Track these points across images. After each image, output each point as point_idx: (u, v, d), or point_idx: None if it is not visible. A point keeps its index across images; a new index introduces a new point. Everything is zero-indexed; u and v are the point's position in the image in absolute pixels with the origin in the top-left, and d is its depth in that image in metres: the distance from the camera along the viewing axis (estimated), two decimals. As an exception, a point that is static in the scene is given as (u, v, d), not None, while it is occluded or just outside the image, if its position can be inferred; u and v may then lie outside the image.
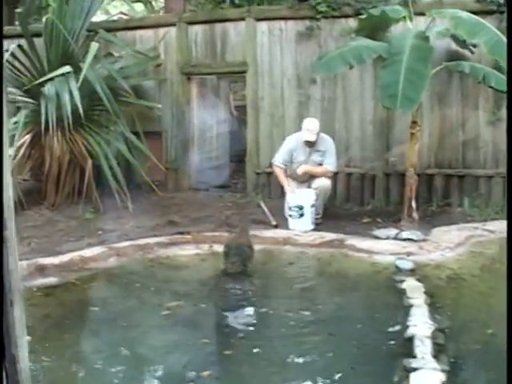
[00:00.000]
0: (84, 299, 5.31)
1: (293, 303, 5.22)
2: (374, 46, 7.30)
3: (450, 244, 6.48)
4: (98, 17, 21.16)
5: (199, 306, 5.22)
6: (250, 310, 4.99)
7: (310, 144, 7.86)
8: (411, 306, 4.71)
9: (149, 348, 4.29)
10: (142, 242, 6.79)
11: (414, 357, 3.71)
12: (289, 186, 7.87)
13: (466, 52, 8.23)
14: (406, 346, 3.94)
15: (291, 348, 4.24)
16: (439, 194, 8.75)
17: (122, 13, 25.62)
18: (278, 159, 8.08)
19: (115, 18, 21.56)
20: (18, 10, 9.15)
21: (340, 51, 7.48)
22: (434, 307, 4.70)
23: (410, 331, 4.13)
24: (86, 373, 3.88)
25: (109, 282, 5.80)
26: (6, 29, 11.29)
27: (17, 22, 9.77)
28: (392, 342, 4.14)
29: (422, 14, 8.00)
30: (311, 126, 7.88)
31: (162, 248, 6.70)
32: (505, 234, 6.19)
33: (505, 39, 6.59)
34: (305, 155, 7.91)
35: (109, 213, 8.44)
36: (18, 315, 2.00)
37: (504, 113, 8.37)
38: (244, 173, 10.10)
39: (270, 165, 8.17)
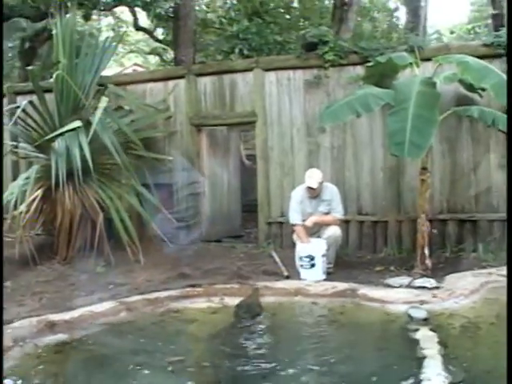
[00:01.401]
0: (92, 356, 5.23)
1: (302, 355, 5.12)
2: (381, 94, 7.31)
3: (464, 291, 6.35)
4: (113, 69, 21.53)
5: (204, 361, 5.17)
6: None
7: (314, 193, 7.82)
8: (424, 357, 4.60)
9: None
10: (152, 295, 6.71)
11: (428, 412, 3.61)
12: (307, 238, 7.79)
13: (475, 96, 8.21)
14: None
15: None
16: (452, 240, 8.68)
17: (136, 64, 26.06)
18: (296, 218, 7.92)
19: (130, 69, 21.98)
20: (30, 68, 9.23)
21: (347, 100, 7.50)
22: (448, 358, 4.57)
23: (424, 384, 4.03)
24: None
25: (118, 337, 5.72)
26: (20, 86, 11.49)
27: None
28: (405, 396, 4.04)
29: (429, 60, 8.04)
30: (312, 174, 7.87)
31: (173, 301, 6.61)
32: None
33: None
34: (311, 207, 7.87)
35: (120, 266, 8.42)
36: None
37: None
38: (256, 222, 10.04)
39: (292, 225, 8.04)
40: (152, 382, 4.60)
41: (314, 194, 7.82)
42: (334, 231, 7.80)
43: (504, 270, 7.04)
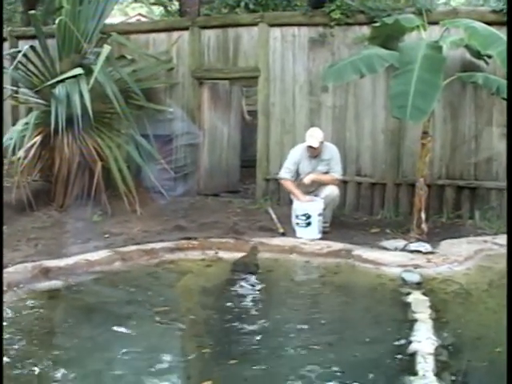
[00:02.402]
0: (84, 304, 5.26)
1: (294, 313, 5.16)
2: (386, 55, 7.24)
3: (458, 257, 6.38)
4: (117, 18, 21.30)
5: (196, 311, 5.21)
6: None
7: (314, 153, 7.81)
8: (416, 320, 4.63)
9: (141, 354, 4.23)
10: (147, 246, 6.74)
11: (416, 374, 3.63)
12: (301, 194, 7.78)
13: (481, 63, 8.14)
14: (409, 362, 3.87)
15: (291, 359, 4.18)
16: (450, 206, 8.67)
17: (140, 14, 25.78)
18: (284, 173, 8.01)
19: (133, 19, 21.76)
20: (32, 12, 9.12)
21: (351, 59, 7.43)
22: (438, 322, 4.60)
23: (413, 347, 4.05)
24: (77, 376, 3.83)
25: (111, 286, 5.75)
26: (22, 30, 11.37)
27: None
28: (394, 358, 4.06)
29: (436, 24, 7.94)
30: (314, 133, 7.85)
31: (168, 253, 6.66)
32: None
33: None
34: (310, 166, 7.86)
35: (116, 216, 8.44)
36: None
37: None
38: (255, 178, 10.03)
39: (280, 179, 8.10)
40: (138, 332, 4.62)
41: (315, 153, 7.81)
42: (332, 191, 7.80)
43: (499, 239, 7.11)
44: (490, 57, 7.69)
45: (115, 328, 4.63)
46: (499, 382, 3.72)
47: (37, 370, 3.82)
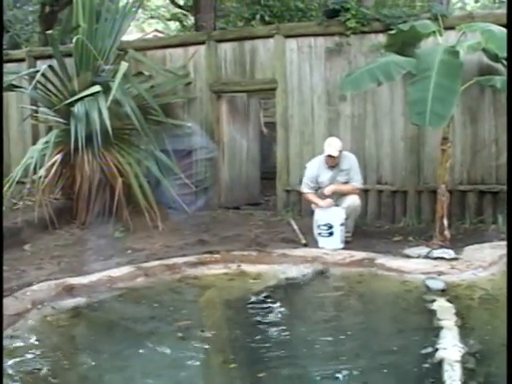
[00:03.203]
0: (108, 321, 5.27)
1: (319, 324, 5.13)
2: (403, 62, 7.21)
3: (482, 263, 6.32)
4: (133, 35, 21.46)
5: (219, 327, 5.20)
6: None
7: (333, 162, 7.79)
8: (441, 327, 4.59)
9: (166, 370, 4.22)
10: (170, 261, 6.74)
11: (443, 382, 3.59)
12: (320, 200, 7.76)
13: (499, 66, 8.09)
14: (436, 370, 3.83)
15: (318, 370, 4.15)
16: (472, 211, 8.61)
17: (156, 30, 25.95)
18: (306, 187, 8.02)
19: (150, 35, 21.89)
20: (49, 32, 9.21)
21: (368, 68, 7.41)
22: (464, 329, 4.56)
23: (440, 355, 4.01)
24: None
25: (134, 303, 5.76)
26: (40, 50, 11.47)
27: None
28: (421, 366, 4.02)
29: (453, 28, 7.92)
30: (333, 142, 7.84)
31: (190, 267, 6.64)
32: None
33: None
34: (330, 177, 7.84)
35: (138, 232, 8.47)
36: None
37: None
38: (275, 190, 10.02)
39: (300, 193, 8.09)
40: (161, 348, 4.60)
41: (334, 162, 7.78)
42: (353, 200, 7.78)
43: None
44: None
45: (139, 344, 4.62)
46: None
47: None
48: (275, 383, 3.99)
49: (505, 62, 7.86)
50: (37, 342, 4.60)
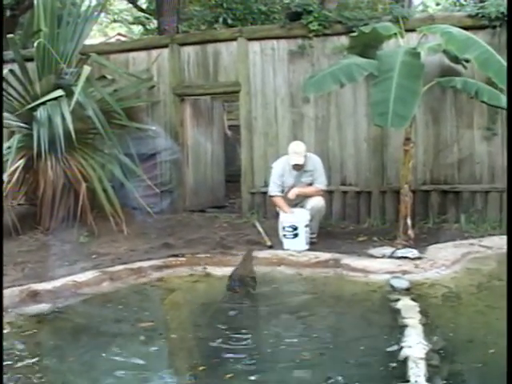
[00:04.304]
0: (73, 326, 5.22)
1: (285, 323, 5.14)
2: (365, 64, 7.26)
3: (445, 261, 6.39)
4: (96, 39, 21.34)
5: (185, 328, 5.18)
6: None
7: (299, 168, 7.82)
8: (406, 326, 4.62)
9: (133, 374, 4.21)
10: (135, 265, 6.70)
11: (408, 380, 3.62)
12: (289, 209, 7.78)
13: (460, 67, 8.21)
14: (401, 368, 3.86)
15: (283, 366, 4.16)
16: (435, 211, 8.72)
17: (119, 34, 25.81)
18: (274, 189, 7.97)
19: (113, 39, 21.78)
20: (10, 36, 9.12)
21: (331, 70, 7.44)
22: (429, 327, 4.59)
23: (404, 352, 4.04)
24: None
25: (100, 307, 5.72)
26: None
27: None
28: (386, 364, 4.04)
29: (414, 31, 8.00)
30: (298, 149, 7.84)
31: (156, 271, 6.62)
32: (502, 250, 6.23)
33: (496, 54, 6.61)
34: (294, 178, 7.87)
35: (103, 236, 8.42)
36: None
37: (499, 127, 8.36)
38: (240, 192, 10.04)
39: (271, 197, 8.05)
40: (124, 352, 4.59)
41: (300, 168, 7.81)
42: (317, 202, 7.81)
43: (485, 241, 7.14)
44: (467, 61, 7.78)
45: (103, 348, 4.60)
46: (493, 383, 3.73)
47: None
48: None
49: (465, 64, 8.01)
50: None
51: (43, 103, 8.61)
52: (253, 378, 4.02)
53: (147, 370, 4.24)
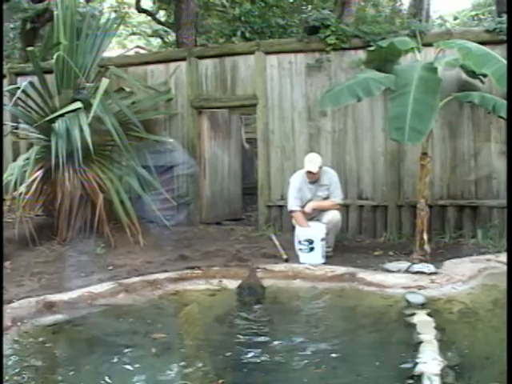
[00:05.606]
0: (88, 337, 5.24)
1: (300, 339, 5.12)
2: (382, 79, 7.28)
3: (462, 277, 6.35)
4: (115, 51, 21.48)
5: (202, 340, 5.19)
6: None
7: (313, 178, 7.83)
8: (421, 341, 4.61)
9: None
10: (151, 277, 6.71)
11: (423, 396, 3.62)
12: (307, 225, 7.79)
13: (477, 82, 8.19)
14: (415, 384, 3.85)
15: (295, 377, 4.16)
16: (452, 226, 8.69)
17: (138, 47, 26.00)
18: (294, 204, 7.94)
19: (132, 52, 21.93)
20: (30, 48, 9.21)
21: (348, 84, 7.46)
22: (444, 343, 4.58)
23: (419, 368, 4.03)
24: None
25: (115, 319, 5.73)
26: (20, 66, 11.46)
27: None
28: (400, 380, 4.04)
29: (431, 45, 8.02)
30: (312, 158, 7.88)
31: (172, 283, 6.61)
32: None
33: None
34: (310, 192, 7.89)
35: (120, 248, 8.44)
36: None
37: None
38: (257, 205, 10.06)
39: (291, 211, 8.03)
40: (142, 365, 4.60)
41: (314, 178, 7.83)
42: (334, 216, 7.82)
43: (502, 257, 7.07)
44: (485, 76, 7.74)
45: (119, 360, 4.61)
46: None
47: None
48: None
49: (482, 78, 7.99)
50: (16, 358, 4.57)
51: (62, 115, 8.66)
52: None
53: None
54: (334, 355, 4.69)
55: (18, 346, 4.84)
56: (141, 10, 20.26)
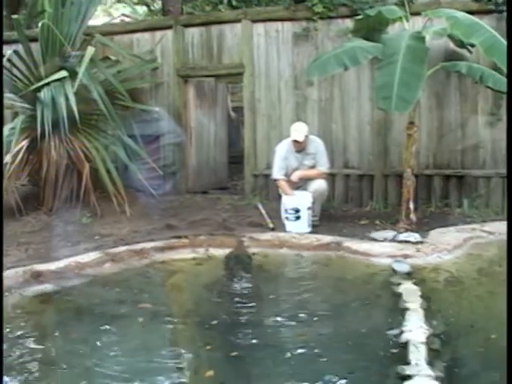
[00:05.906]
0: (75, 307, 5.24)
1: (286, 305, 5.16)
2: (369, 47, 7.25)
3: (447, 246, 6.39)
4: (100, 19, 21.23)
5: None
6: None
7: (299, 147, 7.83)
8: (407, 309, 4.64)
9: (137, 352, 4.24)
10: (138, 246, 6.72)
11: (408, 363, 3.65)
12: (292, 193, 7.80)
13: (465, 52, 8.18)
14: (401, 352, 3.88)
15: (284, 351, 4.18)
16: (438, 195, 8.72)
17: (123, 15, 25.67)
18: (278, 172, 7.98)
19: (117, 20, 21.69)
20: (15, 16, 9.10)
21: (335, 52, 7.43)
22: (430, 311, 4.61)
23: (405, 336, 4.07)
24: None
25: (102, 288, 5.73)
26: (5, 35, 11.30)
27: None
28: (386, 348, 4.07)
29: (419, 14, 7.98)
30: (299, 127, 7.87)
31: (158, 252, 6.63)
32: (504, 236, 6.22)
33: (502, 39, 6.52)
34: (297, 161, 7.89)
35: (106, 217, 8.43)
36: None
37: (503, 113, 8.33)
38: (243, 174, 10.06)
39: (275, 180, 8.06)
40: (126, 333, 4.63)
41: (300, 147, 7.82)
42: (320, 184, 7.82)
43: (487, 227, 7.14)
44: (472, 46, 7.73)
45: (106, 330, 4.63)
46: (494, 368, 3.74)
47: (31, 370, 3.85)
48: (248, 362, 4.02)
49: (470, 48, 7.98)
50: (5, 329, 4.58)
51: (47, 84, 8.59)
52: (255, 356, 4.07)
53: (150, 350, 4.28)
54: (319, 322, 4.72)
55: (5, 315, 4.84)
56: (126, -23, 20.04)
